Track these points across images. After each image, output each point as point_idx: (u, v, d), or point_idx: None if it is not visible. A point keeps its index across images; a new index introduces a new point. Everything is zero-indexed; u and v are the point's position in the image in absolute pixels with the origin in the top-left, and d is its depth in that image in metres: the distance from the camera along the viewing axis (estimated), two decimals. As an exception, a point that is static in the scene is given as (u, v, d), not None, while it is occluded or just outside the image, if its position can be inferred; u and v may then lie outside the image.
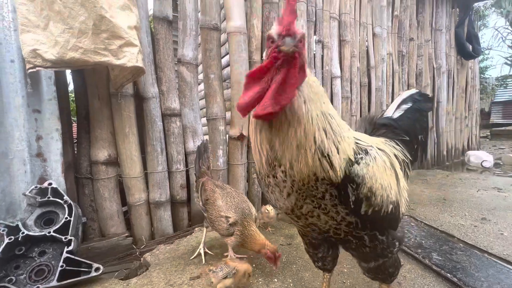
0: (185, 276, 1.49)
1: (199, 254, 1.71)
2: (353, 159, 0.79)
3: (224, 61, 3.02)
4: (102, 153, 1.98)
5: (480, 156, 5.10)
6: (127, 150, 2.02)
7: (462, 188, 3.14)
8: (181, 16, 2.21)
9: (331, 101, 3.38)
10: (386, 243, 0.97)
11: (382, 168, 0.87)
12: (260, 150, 0.78)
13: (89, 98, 1.96)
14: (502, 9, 12.09)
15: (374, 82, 3.89)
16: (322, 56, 3.30)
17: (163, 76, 2.16)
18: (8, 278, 1.35)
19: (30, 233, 1.44)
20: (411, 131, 1.20)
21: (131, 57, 1.54)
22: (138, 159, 2.07)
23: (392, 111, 1.23)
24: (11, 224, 1.43)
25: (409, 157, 1.17)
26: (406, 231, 1.99)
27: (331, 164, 0.75)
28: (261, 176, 0.86)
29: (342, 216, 0.84)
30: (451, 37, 5.47)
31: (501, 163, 5.25)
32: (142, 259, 1.76)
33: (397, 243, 1.00)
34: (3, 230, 1.39)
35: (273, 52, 0.69)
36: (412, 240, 1.85)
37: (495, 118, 12.55)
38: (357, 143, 0.85)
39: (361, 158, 0.79)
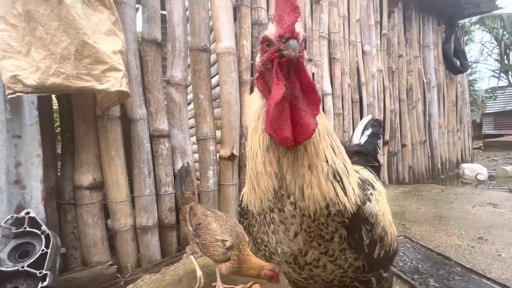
0: (169, 311, 1.39)
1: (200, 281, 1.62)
2: (362, 195, 0.68)
3: (214, 80, 3.03)
4: (86, 177, 1.91)
5: (474, 169, 5.10)
6: (113, 174, 1.96)
7: (458, 204, 3.10)
8: (170, 38, 2.22)
9: (323, 118, 3.39)
10: (389, 280, 0.92)
11: (385, 201, 0.82)
12: (265, 175, 0.64)
13: (75, 121, 1.92)
14: (485, 26, 12.60)
15: (366, 98, 3.93)
16: (313, 74, 3.33)
17: (151, 97, 2.14)
18: (-25, 319, 1.24)
19: (2, 269, 1.35)
20: (375, 156, 1.19)
21: (115, 82, 1.52)
22: (124, 182, 2.01)
23: (359, 137, 1.23)
24: (-18, 259, 1.34)
25: (380, 183, 1.15)
26: (401, 253, 1.93)
27: (344, 190, 0.65)
28: (260, 213, 0.71)
29: (350, 263, 0.73)
30: (439, 53, 5.62)
31: (495, 175, 5.26)
32: (124, 291, 1.66)
33: (391, 273, 0.95)
34: (-28, 266, 1.30)
35: (274, 58, 0.59)
36: (408, 264, 1.78)
37: (487, 129, 12.75)
38: (357, 171, 0.82)
39: (371, 194, 0.71)
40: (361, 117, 3.93)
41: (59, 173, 2.00)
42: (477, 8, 5.49)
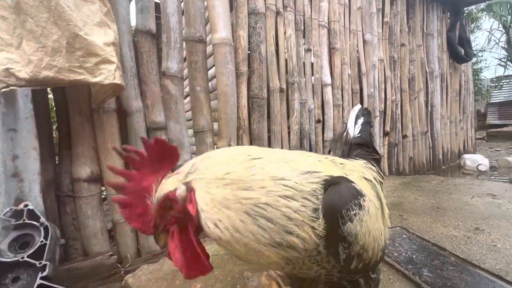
0: (166, 300, 1.43)
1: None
2: (344, 216, 0.67)
3: (210, 72, 3.00)
4: (84, 170, 1.93)
5: (476, 160, 5.08)
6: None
7: (457, 195, 3.10)
8: (165, 29, 2.19)
9: (322, 109, 3.36)
10: (377, 278, 0.94)
11: (374, 217, 0.78)
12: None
13: (70, 114, 1.92)
14: (493, 13, 12.22)
15: (366, 89, 3.88)
16: (312, 64, 3.28)
17: (147, 89, 2.13)
18: (-22, 308, 1.29)
19: (2, 259, 1.38)
20: (374, 147, 1.20)
21: (108, 74, 1.51)
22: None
23: (353, 128, 1.23)
24: (-18, 251, 1.37)
25: (383, 175, 1.15)
26: (397, 244, 1.94)
27: (294, 247, 0.65)
28: None
29: (333, 265, 0.75)
30: (443, 42, 5.49)
31: (497, 166, 5.23)
32: (123, 281, 1.70)
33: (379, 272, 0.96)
34: (-27, 257, 1.33)
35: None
36: (403, 254, 1.80)
37: (491, 119, 12.60)
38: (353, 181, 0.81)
39: (355, 214, 0.68)
40: (361, 108, 3.90)
41: (57, 166, 2.01)
42: (484, -6, 5.31)
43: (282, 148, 2.92)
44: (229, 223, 0.61)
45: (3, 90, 1.43)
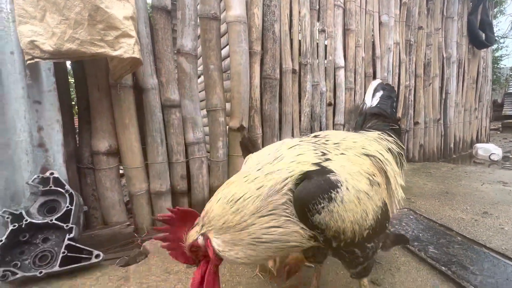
0: (182, 265, 1.53)
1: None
2: (311, 209, 0.77)
3: (224, 52, 2.99)
4: (102, 144, 2.01)
5: (489, 149, 4.98)
6: (127, 141, 2.05)
7: (466, 182, 3.09)
8: (180, 6, 2.18)
9: (334, 92, 3.33)
10: (375, 246, 0.99)
11: (353, 204, 0.82)
12: None
13: (89, 89, 1.98)
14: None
15: (380, 73, 3.80)
16: (326, 45, 3.23)
17: (162, 67, 2.16)
18: (14, 262, 1.41)
19: (33, 221, 1.49)
20: (393, 117, 1.20)
21: (128, 48, 1.54)
22: (138, 150, 2.10)
23: (370, 100, 1.22)
24: (15, 212, 1.48)
25: (402, 145, 1.16)
26: (404, 223, 1.99)
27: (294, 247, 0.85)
28: None
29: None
30: (463, 25, 5.25)
31: (510, 156, 5.12)
32: (142, 247, 1.82)
33: (382, 241, 1.02)
34: (7, 218, 1.45)
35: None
36: (410, 233, 1.85)
37: (508, 110, 12.15)
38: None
39: (323, 207, 0.77)
40: (374, 93, 3.84)
41: (77, 139, 2.10)
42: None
43: (292, 130, 2.94)
44: (243, 254, 0.80)
45: (28, 62, 1.49)
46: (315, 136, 1.06)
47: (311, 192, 0.78)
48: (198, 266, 0.87)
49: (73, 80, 2.12)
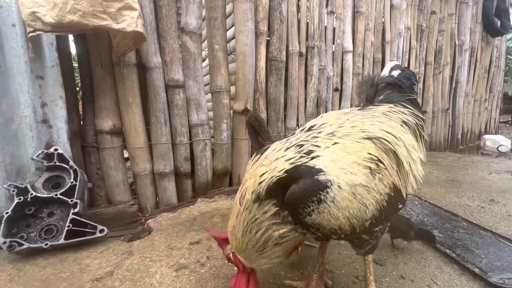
0: (185, 241, 1.54)
1: None
2: (301, 212, 0.80)
3: (229, 33, 2.92)
4: (106, 123, 2.00)
5: (497, 140, 4.88)
6: (131, 121, 2.04)
7: (473, 171, 3.04)
8: (184, -19, 2.11)
9: (341, 77, 3.26)
10: (383, 228, 0.97)
11: (349, 198, 0.80)
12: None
13: (92, 67, 1.95)
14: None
15: (389, 59, 3.69)
16: (334, 28, 3.13)
17: (166, 45, 2.11)
18: (20, 234, 1.43)
19: (38, 195, 1.51)
20: (412, 91, 1.13)
21: (131, 21, 1.50)
22: (142, 129, 2.09)
23: (387, 73, 1.16)
24: (20, 186, 1.49)
25: (421, 116, 1.09)
26: (408, 209, 1.97)
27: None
28: None
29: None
30: (478, 11, 5.04)
31: (519, 147, 5.01)
32: (145, 224, 1.83)
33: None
34: (13, 191, 1.46)
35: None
36: (414, 217, 1.83)
37: (519, 103, 11.83)
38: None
39: (312, 210, 0.79)
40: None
41: (81, 118, 2.10)
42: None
43: (297, 115, 2.89)
44: (263, 264, 0.93)
45: (30, 34, 1.46)
46: (310, 128, 1.00)
47: (299, 197, 0.79)
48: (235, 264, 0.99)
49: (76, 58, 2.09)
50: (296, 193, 0.79)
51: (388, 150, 0.94)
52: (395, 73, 1.15)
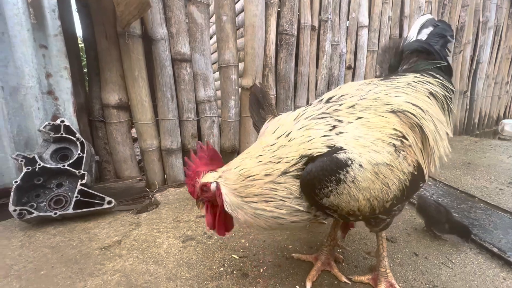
0: (192, 215, 1.53)
1: None
2: (318, 194, 0.75)
3: (238, 6, 2.78)
4: (112, 97, 1.97)
5: (517, 125, 4.64)
6: (137, 95, 1.99)
7: (491, 154, 2.91)
8: None
9: (355, 54, 3.09)
10: (400, 208, 0.92)
11: (371, 178, 0.75)
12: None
13: (97, 38, 1.89)
14: None
15: (406, 35, 3.47)
16: (349, 1, 2.93)
17: (172, 16, 2.02)
18: (30, 204, 1.45)
19: (46, 165, 1.51)
20: (444, 55, 1.02)
21: (134, -16, 1.41)
22: (149, 105, 2.05)
23: (415, 35, 1.05)
24: (28, 156, 1.49)
25: (451, 87, 0.99)
26: (422, 189, 1.90)
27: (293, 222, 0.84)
28: None
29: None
30: (506, -15, 4.65)
31: (540, 133, 4.77)
32: (152, 198, 1.83)
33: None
34: (21, 161, 1.46)
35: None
36: (428, 197, 1.76)
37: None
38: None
39: (330, 191, 0.74)
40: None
41: (87, 91, 2.06)
42: None
43: (308, 93, 2.79)
44: (243, 219, 0.86)
45: (31, -1, 1.39)
46: (328, 100, 0.93)
47: (316, 176, 0.74)
48: (198, 205, 0.96)
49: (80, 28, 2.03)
50: (313, 172, 0.74)
51: (413, 125, 0.86)
52: (425, 32, 1.03)
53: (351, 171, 0.73)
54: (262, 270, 1.08)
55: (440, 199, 1.73)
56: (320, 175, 0.73)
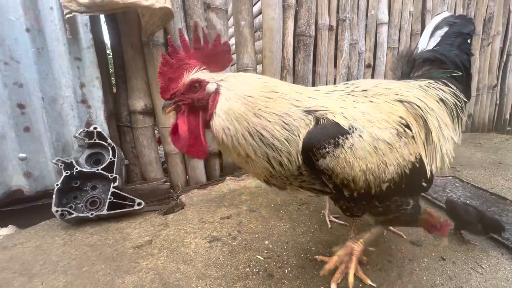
0: (217, 216, 1.59)
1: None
2: (316, 153, 0.75)
3: (255, 8, 2.81)
4: (138, 103, 2.07)
5: (554, 120, 4.33)
6: (161, 100, 2.08)
7: (525, 153, 2.75)
8: (210, -46, 2.03)
9: (374, 52, 3.03)
10: (402, 204, 0.93)
11: (369, 150, 0.77)
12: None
13: (124, 47, 2.00)
14: None
15: (418, 40, 3.34)
16: (368, -2, 2.88)
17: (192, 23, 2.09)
18: (69, 205, 1.57)
19: (83, 170, 1.62)
20: (458, 60, 1.01)
21: (159, -2, 1.48)
22: (171, 109, 2.13)
23: (426, 42, 1.04)
24: (67, 161, 1.62)
25: (463, 98, 1.00)
26: (448, 191, 1.84)
27: (281, 164, 0.78)
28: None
29: (331, 191, 0.87)
30: (540, -30, 4.33)
31: None
32: (178, 200, 1.92)
33: (411, 202, 0.95)
34: (60, 165, 1.58)
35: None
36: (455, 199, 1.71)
37: None
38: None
39: (327, 152, 0.74)
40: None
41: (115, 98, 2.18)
42: None
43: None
44: (234, 133, 0.75)
45: (67, 16, 1.51)
46: (345, 84, 0.99)
47: (316, 137, 0.76)
48: (166, 107, 0.84)
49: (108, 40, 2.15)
50: (314, 132, 0.76)
51: (418, 116, 0.89)
52: (439, 34, 1.03)
53: (350, 138, 0.76)
54: (286, 272, 1.11)
55: (468, 202, 1.67)
56: (319, 135, 0.76)
